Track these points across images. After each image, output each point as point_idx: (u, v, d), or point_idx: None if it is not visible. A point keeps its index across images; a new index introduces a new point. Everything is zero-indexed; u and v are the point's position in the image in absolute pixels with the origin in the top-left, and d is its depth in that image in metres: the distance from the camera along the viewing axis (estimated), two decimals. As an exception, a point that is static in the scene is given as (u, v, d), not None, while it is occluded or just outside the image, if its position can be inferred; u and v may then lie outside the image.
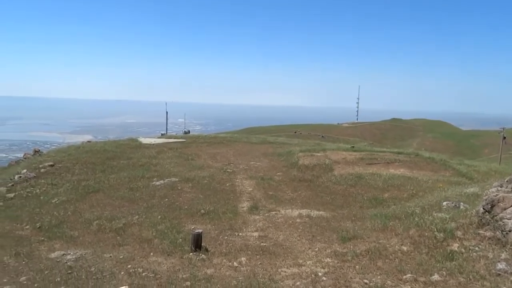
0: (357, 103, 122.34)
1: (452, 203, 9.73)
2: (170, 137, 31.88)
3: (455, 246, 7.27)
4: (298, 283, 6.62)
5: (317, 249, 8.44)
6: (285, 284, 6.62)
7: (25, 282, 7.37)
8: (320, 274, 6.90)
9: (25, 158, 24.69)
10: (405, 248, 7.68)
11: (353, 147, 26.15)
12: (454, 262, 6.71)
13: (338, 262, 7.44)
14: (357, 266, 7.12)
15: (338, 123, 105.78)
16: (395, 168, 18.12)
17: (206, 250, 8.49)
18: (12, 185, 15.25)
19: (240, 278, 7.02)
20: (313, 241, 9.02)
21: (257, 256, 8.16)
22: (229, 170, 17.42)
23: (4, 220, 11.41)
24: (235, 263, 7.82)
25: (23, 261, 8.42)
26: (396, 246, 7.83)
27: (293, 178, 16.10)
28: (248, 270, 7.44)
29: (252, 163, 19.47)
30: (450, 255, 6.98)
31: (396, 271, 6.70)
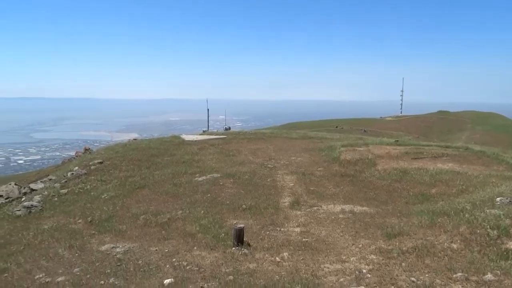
0: (401, 95, 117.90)
1: (507, 199, 9.17)
2: (211, 134, 32.41)
3: (510, 244, 6.85)
4: (341, 279, 6.51)
5: (361, 245, 8.26)
6: (328, 280, 6.53)
7: (78, 273, 7.78)
8: (364, 271, 6.75)
9: (76, 156, 26.09)
10: (455, 246, 7.33)
11: (397, 141, 25.32)
12: (509, 261, 6.32)
13: (383, 259, 7.23)
14: (403, 264, 6.88)
15: (381, 117, 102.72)
16: (443, 162, 17.33)
17: (248, 245, 8.55)
18: (66, 181, 16.14)
19: (283, 273, 7.01)
20: (356, 237, 8.84)
21: (299, 252, 8.11)
22: (269, 166, 17.44)
23: (59, 215, 12.11)
24: (277, 258, 7.82)
25: (76, 253, 8.90)
26: (445, 244, 7.49)
27: (334, 173, 15.85)
28: (291, 266, 7.41)
29: (293, 158, 19.36)
30: (505, 253, 6.58)
31: (446, 270, 6.40)
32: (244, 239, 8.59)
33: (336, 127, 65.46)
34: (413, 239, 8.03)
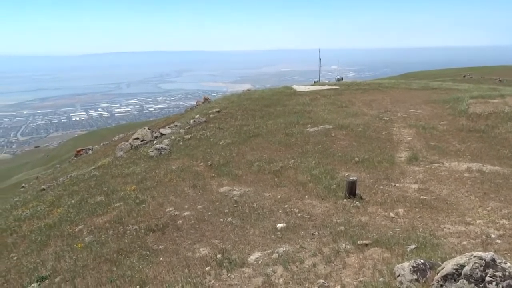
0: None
1: None
2: (323, 85, 31.68)
3: None
4: (464, 242, 6.02)
5: (489, 208, 7.45)
6: (449, 242, 6.10)
7: (201, 210, 8.64)
8: (493, 236, 6.12)
9: (197, 105, 28.24)
10: None
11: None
12: None
13: (517, 225, 6.44)
14: (543, 233, 6.04)
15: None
16: None
17: (361, 197, 8.39)
18: (189, 128, 17.68)
19: (397, 229, 6.77)
20: (484, 199, 7.98)
21: (416, 209, 7.69)
22: (385, 118, 16.48)
23: (184, 157, 13.42)
24: (391, 213, 7.55)
25: (199, 192, 9.85)
26: None
27: (460, 128, 14.27)
28: (406, 223, 7.10)
29: (412, 110, 17.93)
30: None
31: None
32: (356, 192, 8.44)
33: (464, 76, 58.08)
34: (558, 207, 6.94)
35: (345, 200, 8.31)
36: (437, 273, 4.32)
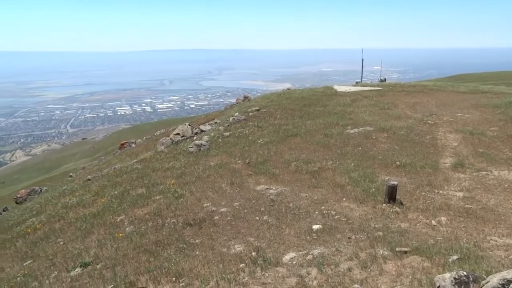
0: None
1: None
2: (365, 85, 30.98)
3: None
4: (512, 256, 5.68)
5: (543, 222, 6.99)
6: (495, 255, 5.78)
7: (237, 207, 8.73)
8: (545, 251, 5.73)
9: (237, 103, 28.50)
10: None
11: None
12: None
13: None
14: None
15: None
16: None
17: (401, 203, 8.14)
18: (228, 125, 17.89)
19: (439, 238, 6.50)
20: (537, 211, 7.49)
21: (460, 218, 7.36)
22: (430, 122, 15.87)
23: (222, 154, 13.60)
24: (433, 221, 7.27)
25: (236, 189, 9.94)
26: None
27: (512, 135, 13.48)
28: (449, 232, 6.81)
29: (459, 115, 17.14)
30: None
31: None
32: (397, 197, 8.19)
33: (519, 80, 54.73)
34: None
35: (384, 205, 8.09)
36: (481, 287, 4.12)
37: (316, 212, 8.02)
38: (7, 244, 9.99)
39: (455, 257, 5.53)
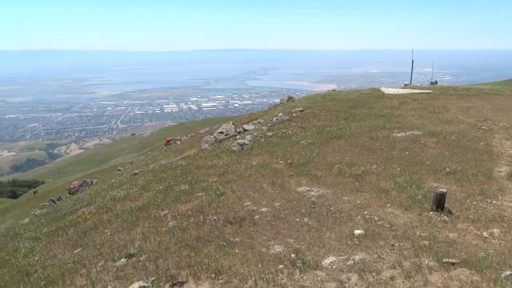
0: None
1: None
2: (414, 88, 29.84)
3: None
4: None
5: None
6: (555, 273, 5.35)
7: (278, 207, 8.71)
8: None
9: (280, 103, 28.47)
10: None
11: None
12: None
13: None
14: None
15: None
16: None
17: (450, 212, 7.75)
18: (271, 125, 17.91)
19: (490, 251, 6.12)
20: None
21: (516, 231, 6.88)
22: (484, 127, 15.00)
23: (264, 154, 13.64)
24: (484, 233, 6.85)
25: (277, 190, 9.92)
26: None
27: None
28: (502, 245, 6.39)
29: (518, 121, 16.07)
30: None
31: None
32: (445, 206, 7.81)
33: None
34: None
35: (431, 213, 7.74)
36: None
37: (359, 217, 7.82)
38: (60, 232, 10.61)
39: (508, 272, 5.18)
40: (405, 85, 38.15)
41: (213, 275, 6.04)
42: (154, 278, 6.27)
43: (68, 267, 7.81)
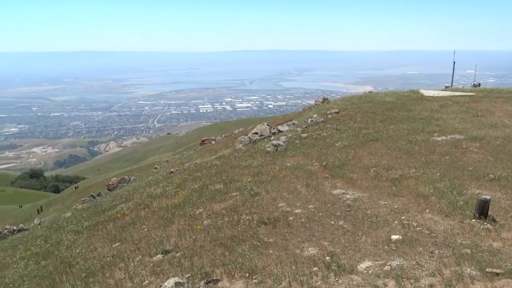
0: None
1: None
2: (456, 90, 28.71)
3: None
4: None
5: None
6: None
7: (312, 209, 8.64)
8: None
9: (315, 105, 28.21)
10: None
11: None
12: None
13: None
14: None
15: None
16: None
17: (493, 220, 7.40)
18: (306, 127, 17.79)
19: (539, 263, 5.78)
20: None
21: None
22: (533, 133, 14.19)
23: (299, 155, 13.57)
24: (532, 243, 6.49)
25: (312, 192, 9.84)
26: None
27: None
28: (551, 257, 6.02)
29: None
30: None
31: None
32: (489, 213, 7.46)
33: None
34: None
35: (473, 220, 7.42)
36: None
37: (396, 222, 7.62)
38: (99, 226, 11.04)
39: (559, 286, 4.88)
40: (446, 87, 36.79)
41: (247, 274, 6.08)
42: (189, 275, 6.39)
43: (108, 260, 8.11)
